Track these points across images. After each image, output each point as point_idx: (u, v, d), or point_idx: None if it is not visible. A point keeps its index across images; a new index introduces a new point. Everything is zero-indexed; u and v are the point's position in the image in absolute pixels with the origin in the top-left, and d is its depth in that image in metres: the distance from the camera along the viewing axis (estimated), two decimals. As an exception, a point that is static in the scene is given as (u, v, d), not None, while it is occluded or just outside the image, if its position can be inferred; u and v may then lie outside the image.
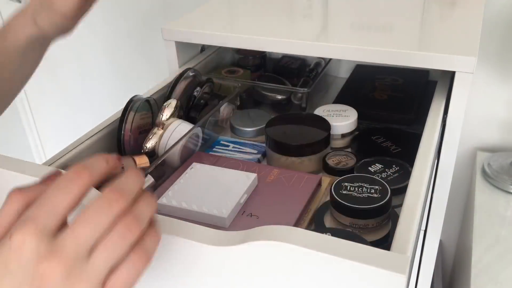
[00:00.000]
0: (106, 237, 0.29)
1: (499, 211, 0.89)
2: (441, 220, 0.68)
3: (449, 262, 1.23)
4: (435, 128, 0.54)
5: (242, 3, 0.84)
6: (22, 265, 0.27)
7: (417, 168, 0.47)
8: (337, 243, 0.33)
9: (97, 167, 0.30)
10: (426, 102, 0.63)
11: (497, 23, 0.92)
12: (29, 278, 0.27)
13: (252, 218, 0.51)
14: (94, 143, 0.56)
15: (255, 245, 0.34)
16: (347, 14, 0.76)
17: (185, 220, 0.39)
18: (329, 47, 0.62)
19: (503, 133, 1.02)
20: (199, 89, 0.67)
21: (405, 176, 0.57)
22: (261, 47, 0.67)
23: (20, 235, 0.28)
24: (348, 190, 0.51)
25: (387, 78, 0.86)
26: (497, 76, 0.97)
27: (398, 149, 0.65)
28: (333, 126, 0.66)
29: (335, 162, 0.62)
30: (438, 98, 0.61)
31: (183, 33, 0.71)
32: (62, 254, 0.27)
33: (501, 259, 0.80)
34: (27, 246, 0.27)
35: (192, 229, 0.37)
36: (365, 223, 0.49)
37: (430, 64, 0.57)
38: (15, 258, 0.28)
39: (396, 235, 0.37)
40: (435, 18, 0.73)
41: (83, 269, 0.28)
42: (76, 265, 0.28)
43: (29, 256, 0.27)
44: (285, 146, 0.62)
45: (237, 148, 0.69)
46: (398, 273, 0.30)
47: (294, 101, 0.79)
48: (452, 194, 0.71)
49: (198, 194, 0.53)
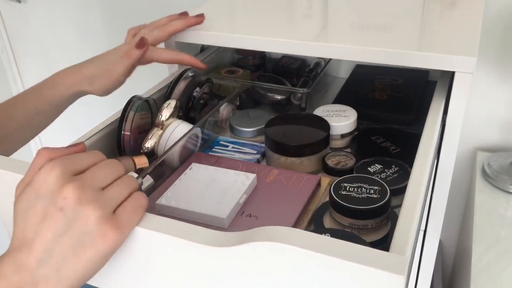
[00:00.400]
0: (115, 182, 0.38)
1: (499, 211, 0.89)
2: (441, 220, 0.67)
3: (449, 262, 1.23)
4: (435, 128, 0.54)
5: (242, 3, 0.84)
6: (49, 189, 0.35)
7: (416, 169, 0.46)
8: (336, 244, 0.33)
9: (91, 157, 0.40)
10: (426, 102, 0.63)
11: (497, 23, 0.92)
12: (54, 199, 0.35)
13: (251, 218, 0.51)
14: (94, 143, 0.56)
15: (254, 245, 0.34)
16: (347, 14, 0.76)
17: (184, 220, 0.39)
18: (329, 47, 0.62)
19: (503, 133, 1.02)
20: (198, 89, 0.67)
21: (405, 177, 0.57)
22: (261, 47, 0.67)
23: (48, 167, 0.36)
24: (347, 191, 0.51)
25: (387, 78, 0.86)
26: (497, 76, 0.97)
27: (397, 149, 0.65)
28: (332, 126, 0.66)
29: (335, 162, 0.62)
30: (438, 98, 0.61)
31: (183, 33, 0.71)
32: (81, 183, 0.35)
33: (501, 259, 0.80)
34: (53, 174, 0.35)
35: (192, 229, 0.37)
36: (365, 223, 0.49)
37: (430, 64, 0.57)
38: (44, 184, 0.35)
39: (395, 235, 0.37)
40: (435, 18, 0.73)
41: (97, 196, 0.36)
42: (92, 193, 0.36)
43: (55, 182, 0.35)
44: (284, 147, 0.62)
45: (236, 149, 0.69)
46: (397, 274, 0.30)
47: (294, 101, 0.79)
48: (452, 194, 0.71)
49: (197, 195, 0.53)
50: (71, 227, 0.35)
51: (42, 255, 0.35)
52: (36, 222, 0.35)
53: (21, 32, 1.52)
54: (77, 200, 0.35)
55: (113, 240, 0.36)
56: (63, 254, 0.35)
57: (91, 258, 0.35)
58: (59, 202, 0.35)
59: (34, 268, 0.35)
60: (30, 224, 0.36)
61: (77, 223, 0.35)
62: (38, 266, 0.35)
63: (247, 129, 0.71)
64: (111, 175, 0.38)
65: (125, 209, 0.37)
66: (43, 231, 0.35)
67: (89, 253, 0.35)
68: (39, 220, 0.35)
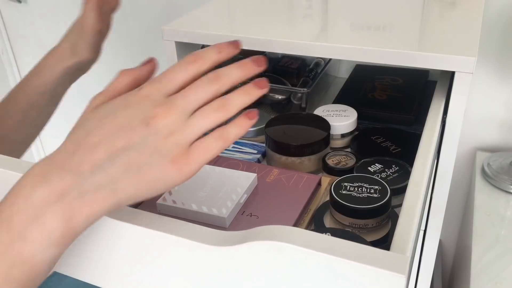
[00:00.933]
0: (204, 107, 0.36)
1: (499, 211, 0.89)
2: (440, 220, 0.68)
3: (449, 262, 1.23)
4: (435, 128, 0.54)
5: (242, 3, 0.84)
6: (145, 104, 0.35)
7: (416, 168, 0.47)
8: (336, 243, 0.33)
9: (209, 56, 0.38)
10: (426, 102, 0.63)
11: (497, 23, 0.92)
12: (145, 113, 0.34)
13: (252, 218, 0.51)
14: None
15: (255, 245, 0.34)
16: (347, 14, 0.76)
17: (185, 220, 0.39)
18: (329, 47, 0.62)
19: (503, 133, 1.02)
20: (199, 89, 0.67)
21: (405, 176, 0.57)
22: (261, 47, 0.67)
23: (146, 88, 0.35)
24: (347, 190, 0.51)
25: (387, 78, 0.86)
26: (496, 76, 0.97)
27: (397, 149, 0.65)
28: (332, 126, 0.66)
29: (335, 162, 0.62)
30: (438, 98, 0.61)
31: (183, 33, 0.71)
32: (172, 106, 0.34)
33: (501, 259, 0.80)
34: (150, 96, 0.35)
35: (192, 229, 0.37)
36: (365, 223, 0.49)
37: (429, 64, 0.57)
38: (143, 98, 0.35)
39: (396, 235, 0.37)
40: (435, 18, 0.73)
41: (183, 124, 0.34)
42: (179, 119, 0.34)
43: (152, 99, 0.35)
44: (285, 146, 0.62)
45: (237, 148, 0.69)
46: (398, 273, 0.30)
47: (294, 101, 0.79)
48: (451, 194, 0.71)
49: (197, 194, 0.53)
50: (147, 144, 0.33)
51: (102, 162, 0.33)
52: (110, 128, 0.34)
53: (21, 32, 1.52)
54: (165, 122, 0.34)
55: (184, 173, 0.34)
56: (127, 166, 0.33)
57: (154, 180, 0.33)
58: (148, 119, 0.34)
59: (87, 173, 0.32)
60: (102, 129, 0.34)
61: (154, 143, 0.33)
62: (93, 172, 0.32)
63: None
64: (204, 95, 0.36)
65: (201, 145, 0.35)
66: (115, 138, 0.33)
67: (153, 175, 0.33)
68: (117, 128, 0.34)
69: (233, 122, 0.37)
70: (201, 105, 0.36)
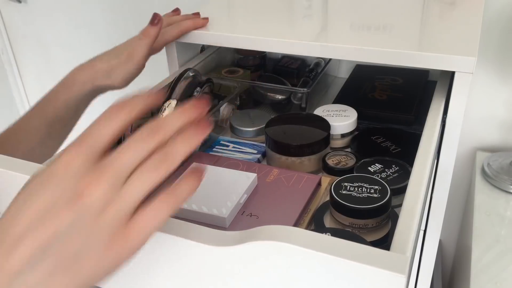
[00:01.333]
0: (143, 166, 0.30)
1: (499, 211, 0.89)
2: (440, 220, 0.68)
3: (449, 262, 1.23)
4: (435, 128, 0.54)
5: (242, 3, 0.84)
6: (67, 178, 0.29)
7: (416, 168, 0.47)
8: (336, 243, 0.33)
9: (135, 104, 0.32)
10: (426, 102, 0.63)
11: (497, 23, 0.92)
12: (69, 191, 0.29)
13: (252, 218, 0.51)
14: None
15: (255, 245, 0.34)
16: (347, 14, 0.76)
17: (185, 220, 0.39)
18: (329, 47, 0.62)
19: (503, 133, 1.02)
20: (199, 89, 0.67)
21: (405, 176, 0.57)
22: (261, 47, 0.67)
23: (71, 153, 0.30)
24: (347, 190, 0.51)
25: (387, 78, 0.86)
26: (496, 76, 0.97)
27: (398, 149, 0.65)
28: (332, 126, 0.66)
29: (335, 162, 0.62)
30: (438, 98, 0.61)
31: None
32: (102, 174, 0.29)
33: (501, 259, 0.80)
34: (75, 162, 0.30)
35: (192, 229, 0.37)
36: (365, 223, 0.49)
37: (429, 64, 0.57)
38: (62, 171, 0.30)
39: (396, 235, 0.38)
40: (435, 18, 0.73)
41: (117, 194, 0.29)
42: (113, 189, 0.29)
43: (75, 171, 0.29)
44: (285, 146, 0.62)
45: (237, 148, 0.69)
46: (398, 273, 0.30)
47: (294, 101, 0.79)
48: (451, 194, 0.71)
49: (197, 194, 0.52)
50: (78, 227, 0.29)
51: (30, 258, 0.28)
52: (32, 214, 0.29)
53: (21, 32, 1.52)
54: (95, 197, 0.29)
55: (126, 253, 0.30)
56: (59, 260, 0.29)
57: (94, 269, 0.29)
58: (74, 196, 0.29)
59: (16, 273, 0.28)
60: (24, 215, 0.29)
61: (86, 225, 0.29)
62: (21, 272, 0.28)
63: (247, 129, 0.71)
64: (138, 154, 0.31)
65: (146, 213, 0.30)
66: (40, 227, 0.29)
67: (91, 264, 0.29)
68: (40, 213, 0.29)
69: (183, 176, 0.32)
70: (138, 164, 0.31)
